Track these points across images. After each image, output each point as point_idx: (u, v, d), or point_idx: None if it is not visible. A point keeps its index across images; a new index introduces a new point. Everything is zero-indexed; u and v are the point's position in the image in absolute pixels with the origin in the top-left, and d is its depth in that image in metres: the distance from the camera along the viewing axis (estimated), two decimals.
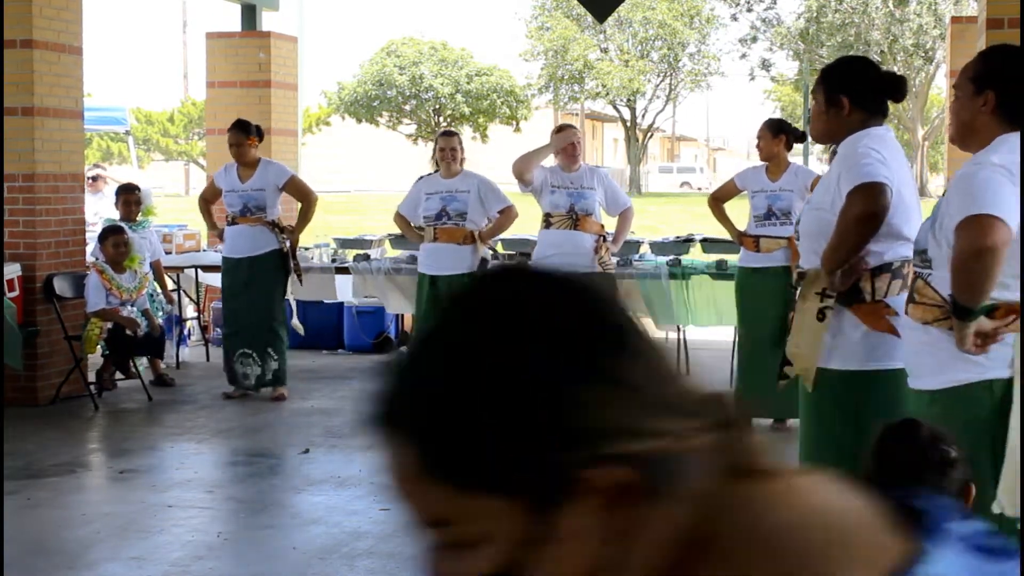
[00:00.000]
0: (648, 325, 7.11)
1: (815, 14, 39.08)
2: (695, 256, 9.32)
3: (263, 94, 11.34)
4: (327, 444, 6.98)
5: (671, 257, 9.11)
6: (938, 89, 42.38)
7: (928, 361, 3.27)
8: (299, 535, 5.24)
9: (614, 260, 7.86)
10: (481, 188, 7.80)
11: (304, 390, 8.75)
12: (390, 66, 43.14)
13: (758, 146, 7.17)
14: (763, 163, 7.18)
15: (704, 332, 9.58)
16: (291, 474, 6.32)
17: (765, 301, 6.77)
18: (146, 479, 6.22)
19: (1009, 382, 3.11)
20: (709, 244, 9.10)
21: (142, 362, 8.88)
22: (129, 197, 9.14)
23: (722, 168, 72.68)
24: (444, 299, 0.99)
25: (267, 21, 11.76)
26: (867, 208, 3.61)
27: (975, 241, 2.98)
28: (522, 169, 7.49)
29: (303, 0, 20.42)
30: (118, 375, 8.67)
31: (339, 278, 9.83)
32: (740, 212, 7.26)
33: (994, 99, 3.20)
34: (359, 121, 44.52)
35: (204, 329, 10.63)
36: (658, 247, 9.61)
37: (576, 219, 7.49)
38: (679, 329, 9.06)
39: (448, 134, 8.00)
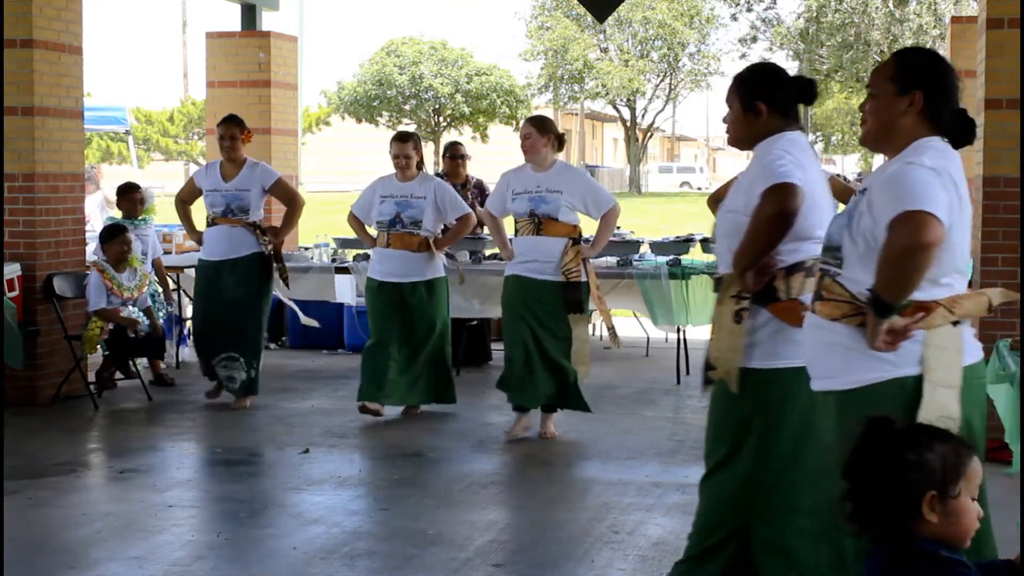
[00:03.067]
0: (648, 324, 7.08)
1: (815, 14, 39.08)
2: (695, 256, 9.33)
3: (263, 94, 11.35)
4: (327, 444, 6.98)
5: (671, 257, 9.11)
6: None
7: (834, 361, 3.25)
8: (299, 535, 5.24)
9: (592, 264, 7.21)
10: (438, 194, 7.47)
11: (304, 390, 8.76)
12: (390, 66, 43.15)
13: None
14: None
15: (704, 332, 9.58)
16: (291, 474, 6.32)
17: None
18: (146, 479, 6.22)
19: (919, 379, 3.11)
20: (709, 244, 9.10)
21: (142, 362, 8.89)
22: (133, 196, 9.16)
23: (722, 168, 72.71)
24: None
25: (267, 21, 11.77)
26: (779, 208, 3.63)
27: (910, 237, 2.96)
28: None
29: (303, 0, 20.42)
30: (118, 375, 8.67)
31: (339, 278, 9.83)
32: None
33: (922, 99, 3.21)
34: (359, 121, 44.53)
35: None
36: (658, 247, 9.61)
37: (539, 224, 6.83)
38: (679, 330, 9.06)
39: (402, 138, 7.55)
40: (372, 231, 7.69)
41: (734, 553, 3.89)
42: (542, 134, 6.87)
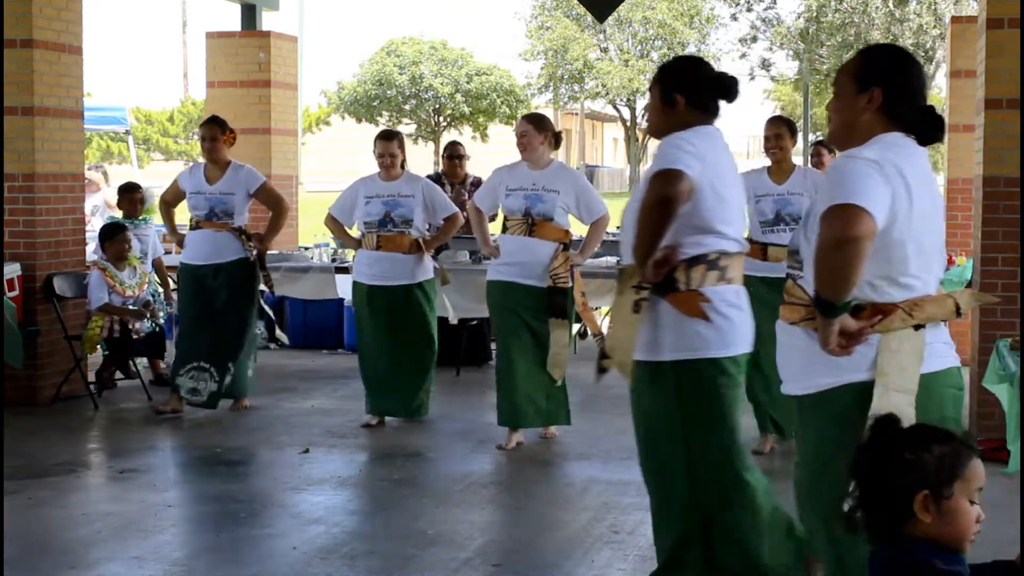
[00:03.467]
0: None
1: (815, 14, 39.05)
2: None
3: (263, 94, 11.35)
4: (327, 444, 6.98)
5: None
6: (938, 89, 42.36)
7: (795, 365, 3.23)
8: (299, 535, 5.24)
9: (587, 264, 6.98)
10: (427, 193, 7.29)
11: (304, 390, 8.76)
12: (390, 66, 43.14)
13: (775, 145, 6.64)
14: (764, 165, 6.87)
15: None
16: (291, 474, 6.32)
17: (775, 314, 6.24)
18: (146, 479, 6.22)
19: (869, 385, 3.05)
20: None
21: (142, 362, 8.89)
22: (134, 195, 9.17)
23: None
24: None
25: (267, 21, 11.78)
26: (660, 193, 3.67)
27: (838, 231, 2.90)
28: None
29: (303, 0, 20.42)
30: (118, 375, 8.67)
31: (339, 278, 9.83)
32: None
33: (880, 96, 3.18)
34: (359, 121, 44.51)
35: None
36: None
37: (532, 224, 6.61)
38: None
39: (386, 136, 7.35)
40: (353, 232, 7.51)
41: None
42: (539, 131, 6.67)
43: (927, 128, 3.22)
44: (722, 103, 4.00)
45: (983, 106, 7.15)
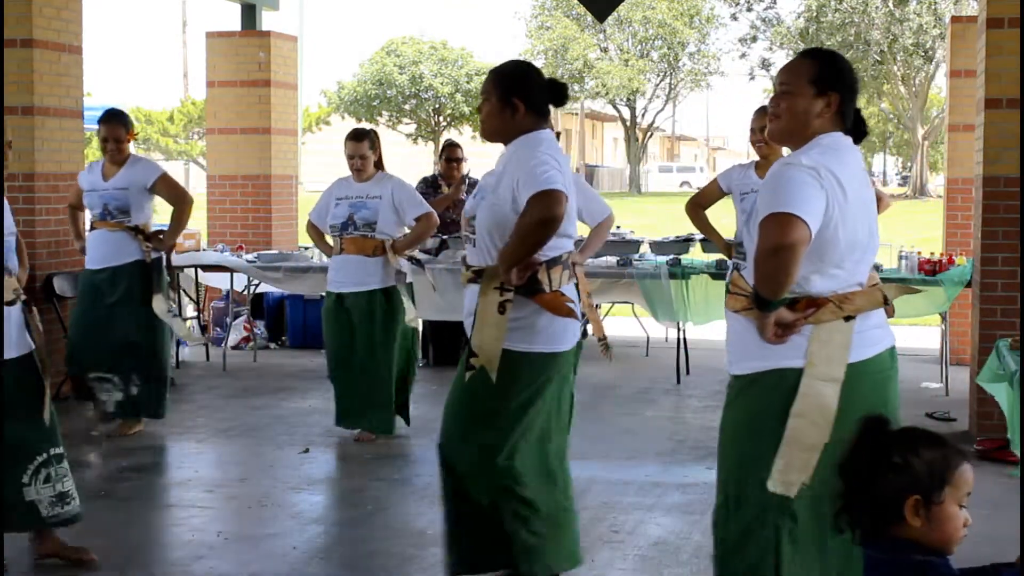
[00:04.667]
0: (648, 324, 7.06)
1: (815, 14, 39.07)
2: (695, 256, 9.33)
3: (263, 94, 11.35)
4: (327, 444, 6.98)
5: (671, 257, 9.11)
6: (938, 88, 42.37)
7: (737, 348, 3.41)
8: (299, 535, 5.24)
9: (588, 265, 6.72)
10: (396, 193, 6.83)
11: (304, 390, 8.76)
12: (390, 66, 43.17)
13: (760, 138, 6.42)
14: (751, 161, 6.81)
15: (704, 331, 9.59)
16: (291, 474, 6.32)
17: None
18: (146, 479, 6.22)
19: (798, 371, 3.23)
20: (709, 244, 9.09)
21: None
22: None
23: (722, 168, 72.65)
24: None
25: (267, 21, 11.78)
26: (550, 213, 3.89)
27: (774, 238, 3.08)
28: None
29: (303, 0, 20.43)
30: None
31: None
32: (723, 215, 7.23)
33: (837, 102, 3.34)
34: (359, 120, 44.50)
35: (204, 329, 10.64)
36: (658, 247, 9.62)
37: None
38: (679, 328, 9.07)
39: (356, 137, 6.94)
40: (331, 240, 7.10)
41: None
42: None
43: (859, 129, 3.43)
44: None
45: (983, 106, 7.15)
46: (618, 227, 11.07)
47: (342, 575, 4.74)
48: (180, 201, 7.09)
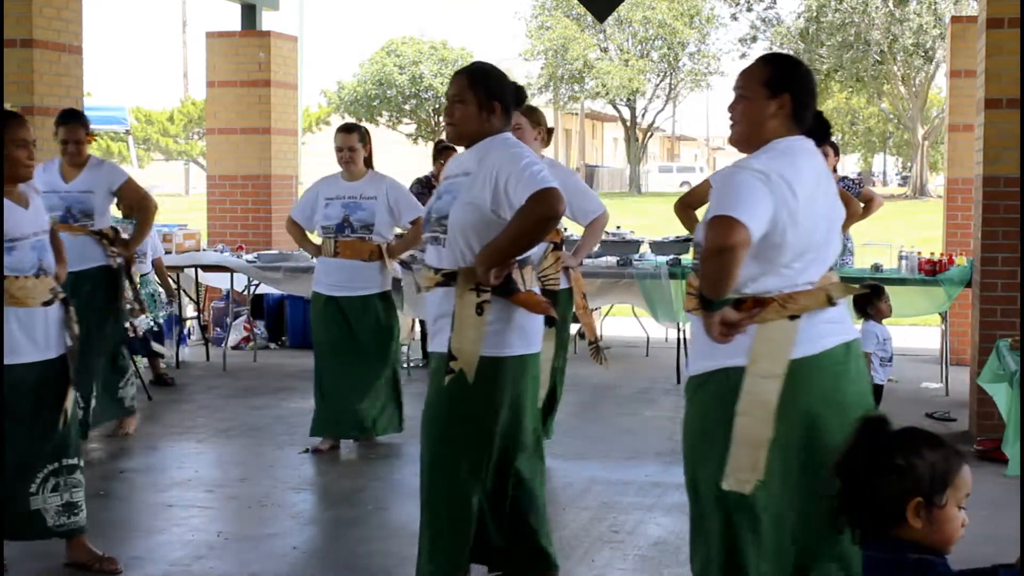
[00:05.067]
0: (648, 324, 7.04)
1: (815, 14, 39.06)
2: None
3: (263, 94, 11.36)
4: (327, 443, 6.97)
5: (671, 257, 9.11)
6: (938, 89, 42.37)
7: (693, 349, 3.49)
8: (299, 535, 5.24)
9: (587, 265, 6.39)
10: (391, 194, 6.60)
11: (304, 390, 8.74)
12: (390, 66, 43.18)
13: None
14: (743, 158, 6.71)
15: None
16: (291, 474, 6.32)
17: None
18: (146, 479, 6.22)
19: (741, 370, 3.27)
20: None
21: (142, 362, 8.89)
22: None
23: (722, 167, 72.58)
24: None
25: (267, 21, 11.79)
26: (553, 211, 3.85)
27: (716, 240, 3.13)
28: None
29: (303, 0, 20.42)
30: None
31: None
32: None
33: (790, 103, 3.37)
34: (359, 121, 44.49)
35: (204, 329, 10.64)
36: (658, 247, 9.62)
37: None
38: (679, 328, 9.07)
39: (346, 129, 6.72)
40: (315, 238, 6.90)
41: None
42: (533, 126, 6.16)
43: (820, 131, 3.47)
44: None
45: (983, 106, 7.15)
46: (618, 227, 11.08)
47: (342, 575, 4.73)
48: (145, 207, 6.86)
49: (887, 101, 43.08)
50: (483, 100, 4.05)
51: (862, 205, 8.37)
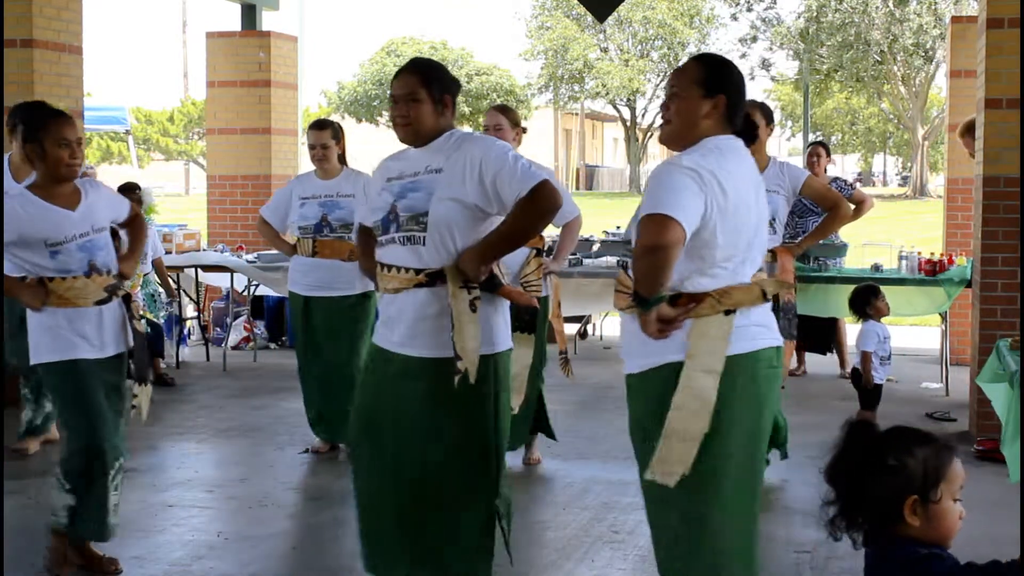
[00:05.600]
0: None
1: (815, 14, 39.08)
2: None
3: (263, 94, 11.36)
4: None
5: None
6: (938, 88, 42.39)
7: (627, 347, 3.51)
8: (299, 535, 5.24)
9: (554, 278, 6.24)
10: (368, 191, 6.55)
11: None
12: (390, 66, 43.18)
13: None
14: None
15: None
16: (291, 474, 6.32)
17: None
18: (146, 479, 6.21)
19: (680, 365, 3.31)
20: None
21: None
22: (132, 195, 9.15)
23: None
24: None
25: (267, 21, 11.78)
26: (555, 204, 3.84)
27: (649, 238, 3.18)
28: None
29: (303, 0, 20.43)
30: None
31: None
32: None
33: (724, 104, 3.42)
34: (359, 121, 44.54)
35: (204, 329, 10.64)
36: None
37: None
38: None
39: (320, 126, 6.55)
40: (289, 238, 6.74)
41: None
42: (512, 125, 6.01)
43: (748, 132, 3.54)
44: None
45: (983, 106, 7.15)
46: (617, 227, 11.07)
47: (342, 575, 4.73)
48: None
49: (887, 101, 43.09)
50: (437, 96, 3.94)
51: (853, 207, 8.39)
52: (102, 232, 4.59)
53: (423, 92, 3.92)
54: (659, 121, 3.63)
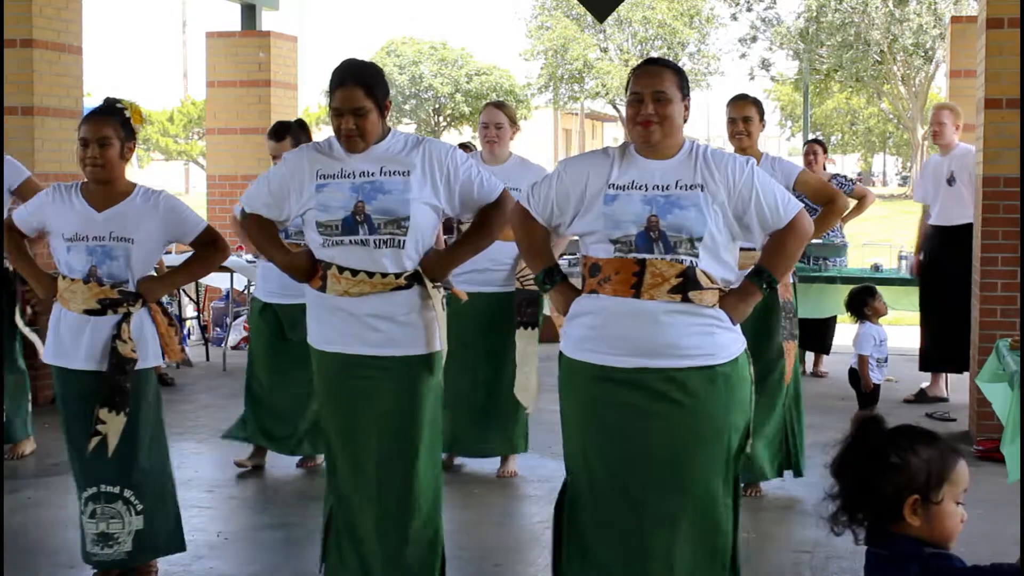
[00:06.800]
0: None
1: (815, 14, 39.08)
2: None
3: (263, 94, 11.35)
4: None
5: None
6: (938, 89, 42.38)
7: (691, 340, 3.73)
8: (299, 535, 5.24)
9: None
10: None
11: None
12: (390, 66, 43.18)
13: (743, 129, 5.79)
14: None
15: None
16: (291, 474, 6.32)
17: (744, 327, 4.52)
18: None
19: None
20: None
21: None
22: None
23: None
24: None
25: (267, 21, 11.78)
26: (511, 212, 3.99)
27: (811, 226, 3.69)
28: None
29: (303, 0, 20.43)
30: None
31: None
32: None
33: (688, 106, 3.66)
34: None
35: (204, 329, 10.64)
36: None
37: None
38: None
39: (277, 135, 6.37)
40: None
41: None
42: (512, 123, 5.96)
43: None
44: None
45: (983, 106, 7.15)
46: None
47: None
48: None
49: (887, 101, 43.09)
50: (381, 103, 3.88)
51: (853, 202, 8.41)
52: (125, 243, 4.38)
53: (369, 103, 3.84)
54: None
